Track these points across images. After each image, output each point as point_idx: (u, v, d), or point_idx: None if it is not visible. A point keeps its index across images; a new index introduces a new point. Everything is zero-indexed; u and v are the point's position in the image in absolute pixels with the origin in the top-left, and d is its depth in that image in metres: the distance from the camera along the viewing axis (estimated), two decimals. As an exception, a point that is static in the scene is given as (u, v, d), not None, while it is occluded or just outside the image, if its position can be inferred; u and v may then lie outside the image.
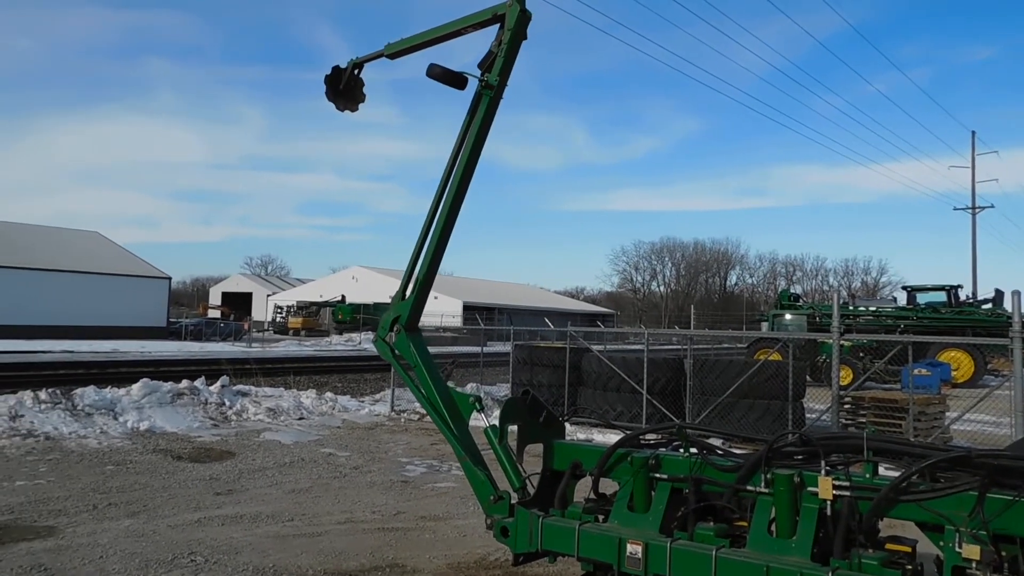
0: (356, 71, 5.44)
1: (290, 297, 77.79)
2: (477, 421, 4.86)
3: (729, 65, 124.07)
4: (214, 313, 73.10)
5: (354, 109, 5.59)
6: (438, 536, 6.86)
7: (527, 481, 4.67)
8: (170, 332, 50.69)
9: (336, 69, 5.45)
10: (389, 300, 5.31)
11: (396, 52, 5.14)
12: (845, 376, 18.23)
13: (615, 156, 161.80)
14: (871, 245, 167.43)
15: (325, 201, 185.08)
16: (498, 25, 4.67)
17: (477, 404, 4.89)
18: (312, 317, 65.22)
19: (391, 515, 7.55)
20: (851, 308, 28.29)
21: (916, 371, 14.33)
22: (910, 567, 3.45)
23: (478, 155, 4.87)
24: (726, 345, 37.73)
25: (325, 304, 66.44)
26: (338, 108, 5.53)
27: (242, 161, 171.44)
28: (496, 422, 4.68)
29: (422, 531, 7.01)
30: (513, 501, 4.55)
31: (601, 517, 4.34)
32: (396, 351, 5.10)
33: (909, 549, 3.59)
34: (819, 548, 3.60)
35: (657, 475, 4.20)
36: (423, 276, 5.00)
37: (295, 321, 63.86)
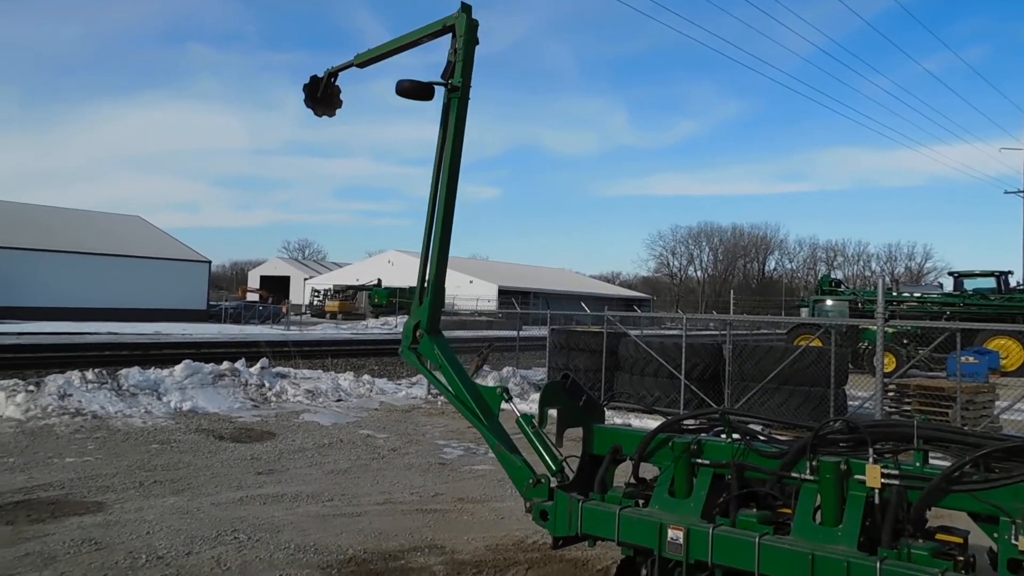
0: (332, 79, 5.79)
1: (327, 281, 78.59)
2: (507, 407, 4.92)
3: (773, 47, 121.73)
4: (253, 296, 74.22)
5: (332, 114, 5.94)
6: (476, 518, 6.90)
7: (564, 464, 4.67)
8: (210, 315, 51.65)
9: (314, 78, 5.79)
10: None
11: (365, 61, 5.51)
12: (888, 363, 17.83)
13: (655, 140, 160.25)
14: (916, 230, 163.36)
15: (362, 186, 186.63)
16: (451, 35, 5.00)
17: (505, 395, 5.00)
18: (349, 301, 65.86)
19: (429, 497, 7.61)
20: (895, 294, 27.68)
21: (963, 359, 13.97)
22: (961, 558, 3.35)
23: (459, 157, 5.12)
24: (764, 331, 37.19)
25: (361, 288, 67.03)
26: (316, 114, 5.90)
27: (281, 147, 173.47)
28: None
29: (460, 513, 7.05)
30: (552, 485, 4.54)
31: (641, 502, 4.31)
32: (422, 357, 5.30)
33: (961, 540, 3.49)
34: (866, 537, 3.52)
35: (699, 460, 4.15)
36: (433, 279, 5.17)
37: (332, 304, 64.54)
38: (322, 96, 5.80)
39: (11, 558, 5.39)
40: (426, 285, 5.20)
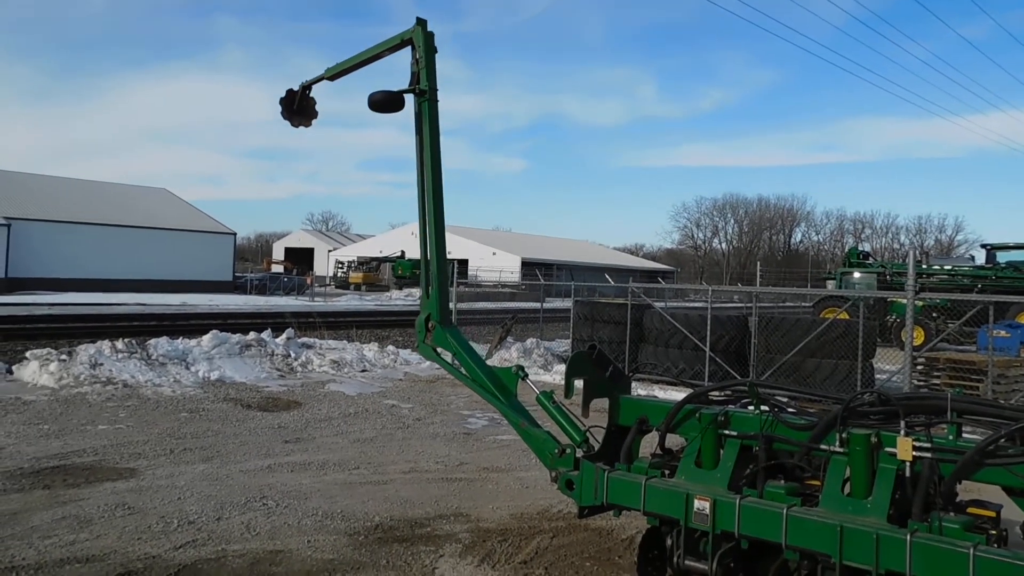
0: (307, 91, 6.19)
1: (351, 253, 78.90)
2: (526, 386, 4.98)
3: (805, 15, 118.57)
4: (278, 268, 74.91)
5: (308, 125, 6.36)
6: (501, 487, 6.95)
7: (589, 434, 4.69)
8: (236, 286, 52.18)
9: (290, 92, 6.18)
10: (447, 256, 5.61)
11: (334, 75, 5.88)
12: (918, 336, 17.61)
13: (682, 110, 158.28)
14: (948, 202, 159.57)
15: (387, 157, 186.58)
16: (410, 47, 5.38)
17: (520, 372, 5.12)
18: (372, 272, 66.22)
19: (454, 466, 7.67)
20: (925, 266, 27.22)
21: (995, 332, 13.74)
22: (994, 532, 3.31)
23: (439, 154, 5.42)
24: (789, 304, 36.84)
25: (385, 259, 67.32)
26: (293, 125, 6.30)
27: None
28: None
29: (485, 482, 7.10)
30: (578, 455, 4.55)
31: (667, 472, 4.30)
32: (437, 348, 5.48)
33: (993, 514, 3.45)
34: (895, 510, 3.49)
35: (726, 432, 4.13)
36: (436, 272, 5.38)
37: (356, 276, 64.92)
38: (298, 108, 6.19)
39: (49, 520, 5.53)
40: (431, 278, 5.38)
